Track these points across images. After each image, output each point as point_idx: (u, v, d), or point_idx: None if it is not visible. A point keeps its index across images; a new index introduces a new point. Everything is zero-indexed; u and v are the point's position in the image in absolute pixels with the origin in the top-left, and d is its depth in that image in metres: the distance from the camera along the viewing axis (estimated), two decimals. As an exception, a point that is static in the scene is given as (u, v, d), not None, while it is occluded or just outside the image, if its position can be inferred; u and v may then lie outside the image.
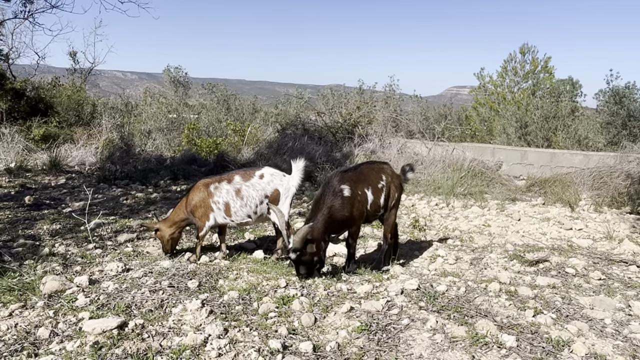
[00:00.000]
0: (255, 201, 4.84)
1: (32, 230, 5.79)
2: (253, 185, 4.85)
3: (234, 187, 4.86)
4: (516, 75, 20.15)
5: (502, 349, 3.00)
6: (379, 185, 4.66)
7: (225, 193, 4.85)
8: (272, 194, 4.86)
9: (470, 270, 4.72)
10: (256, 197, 4.84)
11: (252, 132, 12.93)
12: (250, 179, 4.88)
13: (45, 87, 15.55)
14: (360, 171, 4.62)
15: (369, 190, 4.52)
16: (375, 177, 4.68)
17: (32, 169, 10.29)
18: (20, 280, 3.96)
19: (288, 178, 4.92)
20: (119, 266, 4.42)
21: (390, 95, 16.38)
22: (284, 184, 4.89)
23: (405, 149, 11.38)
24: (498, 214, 7.15)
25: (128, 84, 51.14)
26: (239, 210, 4.85)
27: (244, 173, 4.98)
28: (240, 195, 4.84)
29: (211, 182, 4.94)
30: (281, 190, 4.87)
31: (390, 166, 5.03)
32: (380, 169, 4.83)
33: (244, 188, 4.85)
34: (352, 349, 2.99)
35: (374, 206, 4.59)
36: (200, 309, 3.47)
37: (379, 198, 4.63)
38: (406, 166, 5.16)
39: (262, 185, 4.86)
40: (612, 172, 8.51)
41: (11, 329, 3.18)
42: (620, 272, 4.65)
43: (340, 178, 4.38)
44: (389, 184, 4.75)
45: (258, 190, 4.84)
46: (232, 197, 4.84)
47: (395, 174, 4.94)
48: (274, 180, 4.89)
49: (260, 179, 4.88)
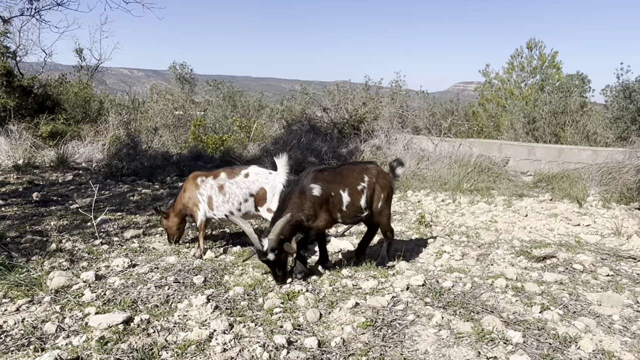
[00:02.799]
0: (238, 199, 4.93)
1: (39, 226, 5.83)
2: (237, 183, 4.95)
3: (217, 183, 5.00)
4: (523, 71, 20.00)
5: (509, 345, 2.98)
6: (359, 186, 4.48)
7: (210, 187, 4.99)
8: (258, 193, 4.92)
9: (477, 266, 4.70)
10: (240, 195, 4.92)
11: (258, 129, 12.93)
12: (235, 177, 4.99)
13: (52, 84, 15.62)
14: (339, 171, 4.46)
15: (345, 192, 4.35)
16: (355, 178, 4.49)
17: (39, 165, 10.36)
18: (27, 275, 3.99)
19: (274, 175, 4.95)
20: (125, 262, 4.44)
21: (396, 91, 16.29)
22: (270, 181, 4.93)
23: (411, 144, 11.33)
24: (505, 210, 7.10)
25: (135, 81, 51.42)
26: (221, 205, 4.95)
27: (231, 171, 5.11)
28: (222, 191, 4.95)
29: (200, 175, 5.13)
30: (267, 188, 4.91)
31: (376, 165, 4.84)
32: (363, 169, 4.65)
33: (227, 185, 4.96)
34: (357, 344, 2.99)
35: (353, 208, 4.40)
36: (205, 304, 3.48)
37: (357, 200, 4.44)
38: (394, 162, 4.98)
39: (246, 184, 4.94)
40: (620, 167, 8.41)
41: (18, 323, 3.21)
42: (629, 269, 4.60)
43: (313, 177, 4.23)
44: (372, 185, 4.56)
45: (242, 188, 4.93)
46: (215, 192, 4.96)
47: (382, 173, 4.76)
48: (259, 179, 4.95)
49: (245, 177, 4.97)
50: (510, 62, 20.37)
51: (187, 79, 23.32)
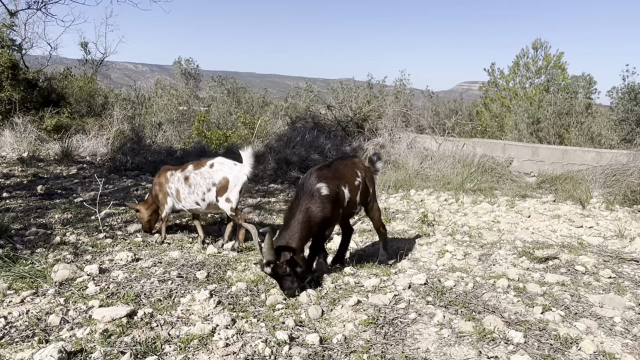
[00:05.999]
0: (202, 189, 5.02)
1: (44, 219, 5.86)
2: (201, 174, 5.04)
3: (184, 175, 5.11)
4: (528, 71, 19.93)
5: (510, 345, 2.98)
6: (356, 182, 4.38)
7: (177, 180, 5.13)
8: (220, 182, 4.97)
9: (479, 266, 4.70)
10: (203, 185, 5.01)
11: (262, 125, 12.94)
12: (201, 167, 5.09)
13: (57, 77, 15.67)
14: (335, 168, 4.29)
15: (346, 188, 4.23)
16: (350, 174, 4.38)
17: (44, 158, 10.40)
18: (32, 267, 4.02)
19: (239, 167, 5.01)
20: (129, 256, 4.47)
21: (400, 89, 16.27)
22: (233, 172, 4.98)
23: (415, 143, 11.31)
24: (508, 211, 7.09)
25: (139, 76, 51.40)
26: (187, 197, 5.08)
27: (198, 162, 5.22)
28: (188, 182, 5.07)
29: (170, 169, 5.30)
30: (230, 177, 4.96)
31: (360, 159, 4.76)
32: (353, 164, 4.54)
33: (192, 176, 5.07)
34: (359, 341, 3.00)
35: (350, 204, 4.31)
36: (208, 299, 3.50)
37: (355, 195, 4.34)
38: (373, 156, 4.87)
39: (210, 173, 5.02)
40: (625, 169, 8.38)
41: (23, 315, 3.23)
42: (631, 271, 4.60)
43: (317, 177, 4.04)
44: (364, 180, 4.48)
45: (206, 178, 5.01)
46: (182, 184, 5.09)
47: (368, 168, 4.68)
48: (223, 168, 5.01)
49: (210, 167, 5.05)
50: (516, 61, 20.29)
51: (192, 75, 23.33)
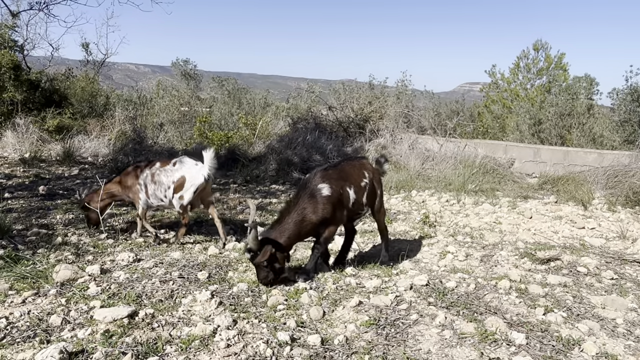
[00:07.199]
0: (164, 186, 5.21)
1: (45, 220, 5.87)
2: (165, 172, 5.24)
3: (151, 172, 5.28)
4: (529, 72, 19.92)
5: (512, 347, 2.98)
6: (362, 183, 4.37)
7: (145, 177, 5.30)
8: (178, 180, 5.17)
9: (480, 267, 4.69)
10: (165, 182, 5.22)
11: (263, 126, 12.94)
12: (166, 165, 5.28)
13: (59, 78, 15.68)
14: (341, 169, 4.29)
15: (351, 189, 4.23)
16: (357, 175, 4.38)
17: (46, 159, 10.41)
18: (33, 268, 4.02)
19: (199, 167, 5.18)
20: (130, 256, 4.47)
21: (402, 90, 16.26)
22: (192, 171, 5.16)
23: (416, 144, 11.30)
24: (509, 212, 7.08)
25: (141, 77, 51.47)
26: (153, 193, 5.27)
27: (164, 160, 5.42)
28: (154, 180, 5.26)
29: (139, 167, 5.45)
30: (187, 176, 5.14)
31: (368, 161, 4.79)
32: (361, 165, 4.55)
33: (157, 173, 5.26)
34: (360, 342, 2.99)
35: (357, 205, 4.30)
36: (209, 300, 3.50)
37: (361, 197, 4.34)
38: (380, 158, 4.92)
39: (172, 171, 5.22)
40: (627, 170, 8.36)
41: (24, 315, 3.23)
42: (633, 272, 4.58)
43: (321, 177, 4.06)
44: (371, 181, 4.48)
45: (168, 176, 5.21)
46: (149, 181, 5.28)
47: (375, 169, 4.70)
48: (183, 167, 5.21)
49: (173, 166, 5.25)
50: (517, 63, 20.29)
51: (191, 75, 23.33)
